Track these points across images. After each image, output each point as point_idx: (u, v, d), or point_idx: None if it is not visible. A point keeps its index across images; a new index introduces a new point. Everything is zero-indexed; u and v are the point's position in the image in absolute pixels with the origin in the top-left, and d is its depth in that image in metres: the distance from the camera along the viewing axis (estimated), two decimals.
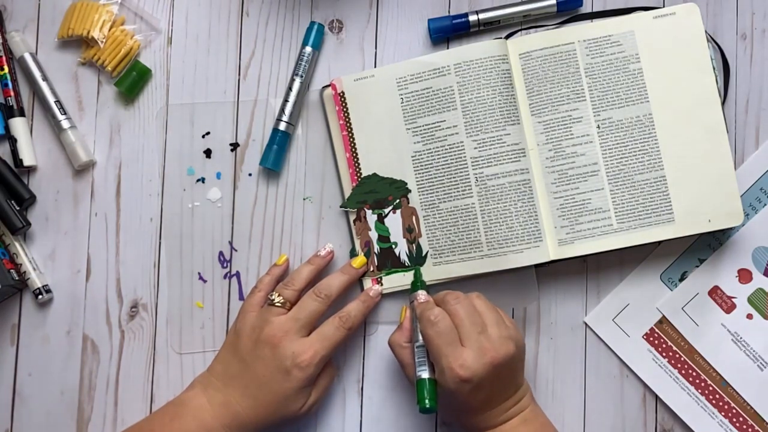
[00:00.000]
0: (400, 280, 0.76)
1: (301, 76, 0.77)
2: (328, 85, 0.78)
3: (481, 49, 0.74)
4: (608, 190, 0.74)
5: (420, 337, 0.70)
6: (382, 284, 0.76)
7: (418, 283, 0.74)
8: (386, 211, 0.77)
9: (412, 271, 0.76)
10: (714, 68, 0.74)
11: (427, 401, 0.67)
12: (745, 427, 0.75)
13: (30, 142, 0.78)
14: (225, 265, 0.78)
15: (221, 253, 0.78)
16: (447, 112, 0.75)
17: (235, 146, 0.78)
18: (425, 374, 0.69)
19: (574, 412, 0.77)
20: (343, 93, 0.77)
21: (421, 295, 0.72)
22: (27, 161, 0.77)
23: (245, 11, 0.80)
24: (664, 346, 0.77)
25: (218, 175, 0.78)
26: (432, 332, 0.68)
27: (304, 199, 0.78)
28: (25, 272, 0.76)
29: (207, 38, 0.80)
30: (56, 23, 0.79)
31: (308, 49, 0.78)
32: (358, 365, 0.77)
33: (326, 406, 0.77)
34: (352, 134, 0.77)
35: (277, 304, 0.72)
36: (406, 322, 0.73)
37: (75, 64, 0.79)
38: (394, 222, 0.76)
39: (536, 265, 0.75)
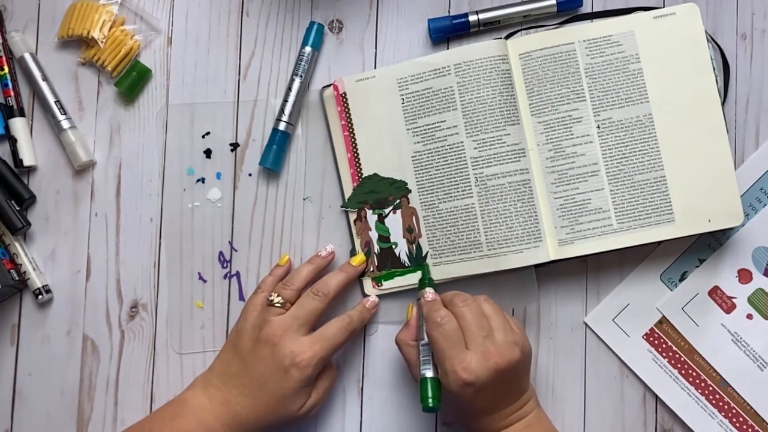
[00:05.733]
0: (400, 280, 0.76)
1: (301, 76, 0.77)
2: (329, 85, 0.78)
3: (481, 49, 0.74)
4: (608, 190, 0.74)
5: (426, 336, 0.70)
6: (382, 285, 0.76)
7: (426, 280, 0.74)
8: (386, 211, 0.77)
9: (411, 273, 0.76)
10: (714, 68, 0.74)
11: (430, 400, 0.67)
12: (745, 427, 0.75)
13: (30, 142, 0.78)
14: (225, 265, 0.78)
15: (221, 253, 0.78)
16: (447, 112, 0.75)
17: (235, 146, 0.79)
18: (429, 373, 0.68)
19: (574, 412, 0.77)
20: (345, 94, 0.77)
21: (429, 293, 0.72)
22: (27, 161, 0.77)
23: (245, 11, 0.80)
24: (664, 346, 0.77)
25: (218, 175, 0.78)
26: (437, 334, 0.68)
27: (304, 199, 0.78)
28: (25, 272, 0.76)
29: (207, 38, 0.80)
30: (56, 23, 0.79)
31: (308, 49, 0.78)
32: (359, 365, 0.77)
33: (326, 406, 0.77)
34: (354, 135, 0.77)
35: (276, 304, 0.72)
36: (413, 321, 0.72)
37: (75, 64, 0.79)
38: (394, 222, 0.76)
39: (536, 265, 0.75)
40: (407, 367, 0.72)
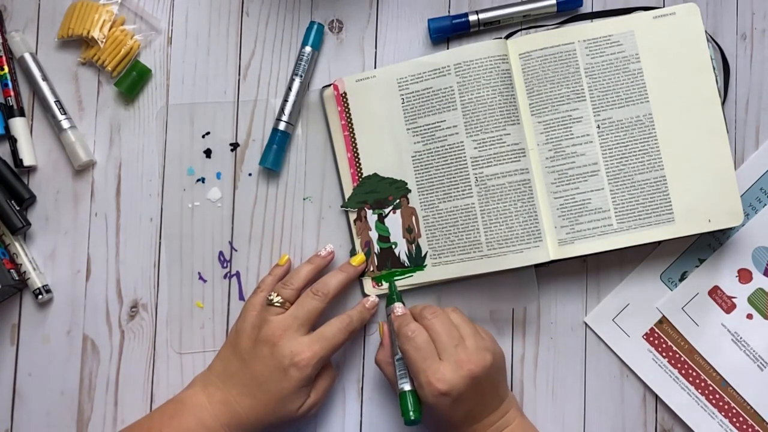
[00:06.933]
0: (400, 280, 0.76)
1: (301, 76, 0.77)
2: (329, 85, 0.78)
3: (481, 49, 0.74)
4: (608, 190, 0.74)
5: (399, 351, 0.70)
6: (382, 285, 0.76)
7: (393, 296, 0.74)
8: (386, 211, 0.77)
9: (410, 273, 0.76)
10: (714, 68, 0.74)
11: (411, 413, 0.68)
12: (745, 427, 0.75)
13: (30, 142, 0.78)
14: (225, 265, 0.78)
15: (221, 253, 0.78)
16: (447, 112, 0.75)
17: (235, 146, 0.79)
18: (407, 386, 0.69)
19: (574, 412, 0.77)
20: (345, 94, 0.77)
21: (398, 308, 0.72)
22: (27, 161, 0.77)
23: (245, 11, 0.80)
24: (664, 346, 0.77)
25: (218, 175, 0.78)
26: (409, 347, 0.68)
27: (304, 199, 0.78)
28: (25, 272, 0.76)
29: (207, 38, 0.80)
30: (56, 23, 0.79)
31: (308, 49, 0.78)
32: (358, 365, 0.77)
33: (326, 406, 0.77)
34: (354, 135, 0.77)
35: (276, 303, 0.72)
36: (386, 338, 0.73)
37: (75, 64, 0.79)
38: (394, 222, 0.76)
39: (536, 265, 0.75)
40: (390, 386, 0.72)
